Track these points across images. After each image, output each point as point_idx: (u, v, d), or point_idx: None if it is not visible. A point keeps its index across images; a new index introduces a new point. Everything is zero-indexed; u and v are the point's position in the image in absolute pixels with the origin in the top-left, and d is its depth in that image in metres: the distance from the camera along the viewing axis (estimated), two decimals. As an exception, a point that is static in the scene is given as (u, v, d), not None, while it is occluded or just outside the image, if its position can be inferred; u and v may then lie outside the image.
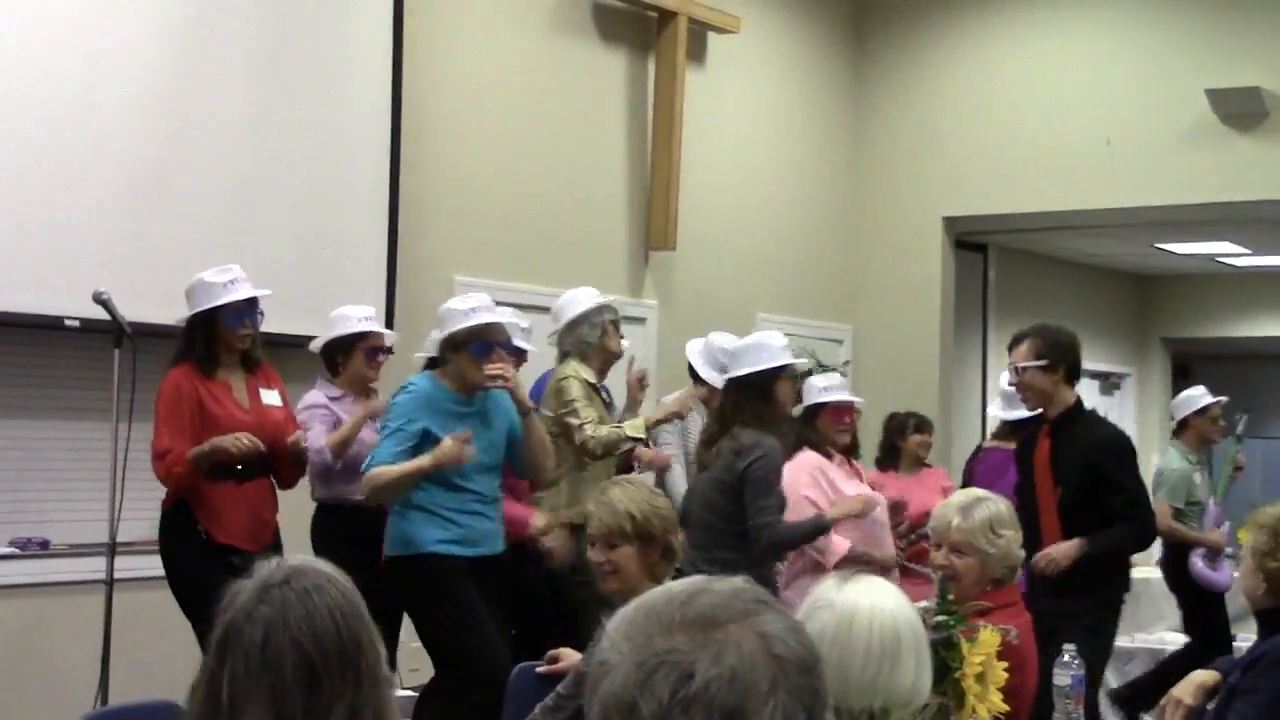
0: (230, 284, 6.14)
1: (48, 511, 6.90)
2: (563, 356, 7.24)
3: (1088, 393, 15.61)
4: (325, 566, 2.53)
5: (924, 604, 3.30)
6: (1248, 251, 14.44)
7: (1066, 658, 4.81)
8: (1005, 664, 3.86)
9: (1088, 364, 15.38)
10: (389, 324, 7.84)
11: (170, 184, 6.97)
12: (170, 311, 6.87)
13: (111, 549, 5.93)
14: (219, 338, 6.15)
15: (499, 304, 8.24)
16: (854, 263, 11.54)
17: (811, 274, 11.21)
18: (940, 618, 3.84)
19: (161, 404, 6.04)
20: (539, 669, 4.74)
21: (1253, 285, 16.11)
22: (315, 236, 7.54)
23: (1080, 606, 6.21)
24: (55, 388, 6.95)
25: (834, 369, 10.34)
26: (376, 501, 6.19)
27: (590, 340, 7.19)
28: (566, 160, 9.26)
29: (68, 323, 6.53)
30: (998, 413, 8.30)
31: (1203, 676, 4.47)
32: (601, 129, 9.54)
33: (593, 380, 7.13)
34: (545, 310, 8.97)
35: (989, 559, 4.51)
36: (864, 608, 2.91)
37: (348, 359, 6.92)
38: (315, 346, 6.99)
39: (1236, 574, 7.36)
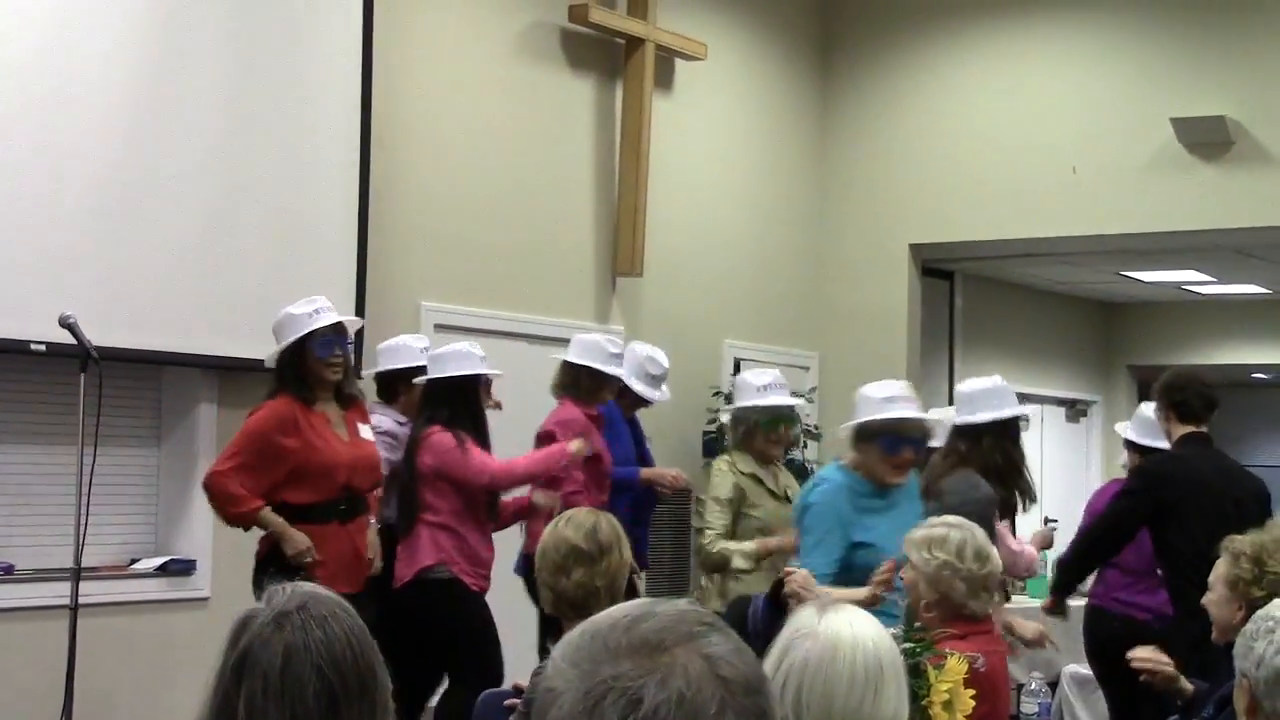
0: (315, 313, 6.19)
1: (12, 536, 6.88)
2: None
3: (1053, 420, 15.68)
4: (333, 594, 2.55)
5: (891, 631, 3.31)
6: (1213, 280, 14.51)
7: (1034, 685, 4.84)
8: (973, 691, 3.88)
9: (1053, 391, 15.55)
10: (358, 350, 7.83)
11: (137, 208, 6.97)
12: (137, 336, 6.89)
13: (76, 574, 5.91)
14: (310, 368, 6.17)
15: (469, 330, 8.30)
16: (821, 289, 11.57)
17: (778, 300, 11.23)
18: (907, 645, 3.86)
19: (246, 431, 6.12)
20: (505, 702, 4.74)
21: (1218, 313, 16.19)
22: (283, 261, 7.54)
23: None
24: (20, 412, 6.93)
25: (801, 396, 10.40)
26: None
27: (751, 433, 7.05)
28: (534, 186, 9.27)
29: (33, 346, 6.52)
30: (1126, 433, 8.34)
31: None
32: (569, 155, 9.57)
33: (751, 470, 7.00)
34: (510, 336, 9.01)
35: (929, 579, 4.55)
36: (846, 637, 2.93)
37: (410, 389, 7.05)
38: (371, 374, 7.13)
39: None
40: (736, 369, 10.66)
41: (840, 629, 2.95)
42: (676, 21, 10.12)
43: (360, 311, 7.86)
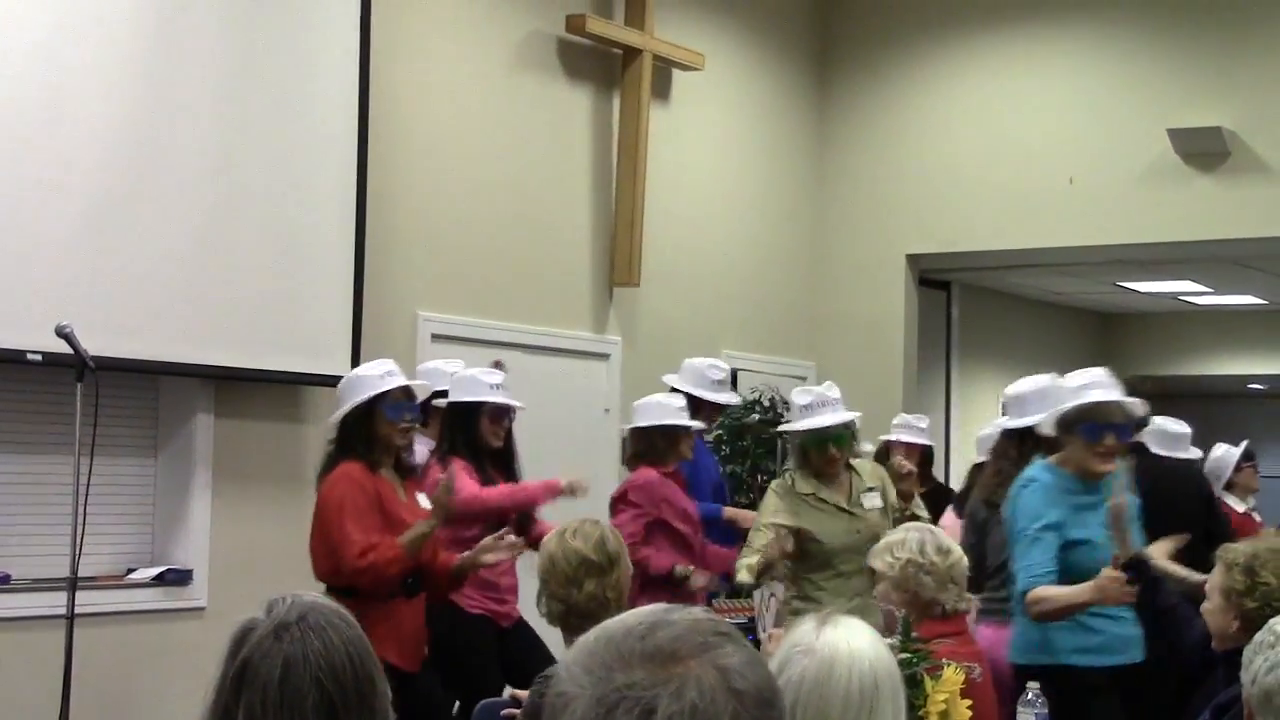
0: (386, 375, 6.07)
1: (8, 546, 6.87)
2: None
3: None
4: (333, 604, 2.55)
5: (888, 641, 3.31)
6: (1210, 290, 14.52)
7: (1030, 695, 4.83)
8: (969, 701, 3.88)
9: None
10: (354, 360, 7.84)
11: (134, 217, 6.96)
12: (134, 346, 6.89)
13: (72, 584, 5.91)
14: (378, 431, 6.03)
15: (466, 340, 8.29)
16: (817, 299, 11.57)
17: (775, 310, 11.24)
18: (903, 655, 3.86)
19: (336, 501, 5.89)
20: (503, 711, 4.73)
21: (1215, 323, 16.21)
22: (280, 270, 7.54)
23: None
24: (17, 421, 6.92)
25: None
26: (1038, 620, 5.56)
27: (804, 454, 6.69)
28: (532, 196, 9.28)
29: (30, 356, 6.50)
30: None
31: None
32: (567, 165, 9.57)
33: (812, 490, 6.59)
34: (507, 346, 9.01)
35: (895, 582, 4.65)
36: (843, 654, 2.92)
37: (438, 414, 6.92)
38: (442, 402, 6.88)
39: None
40: (733, 379, 10.67)
41: (838, 645, 2.94)
42: (674, 32, 10.13)
43: (357, 320, 7.87)
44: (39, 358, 6.50)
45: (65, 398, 6.15)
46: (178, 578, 7.31)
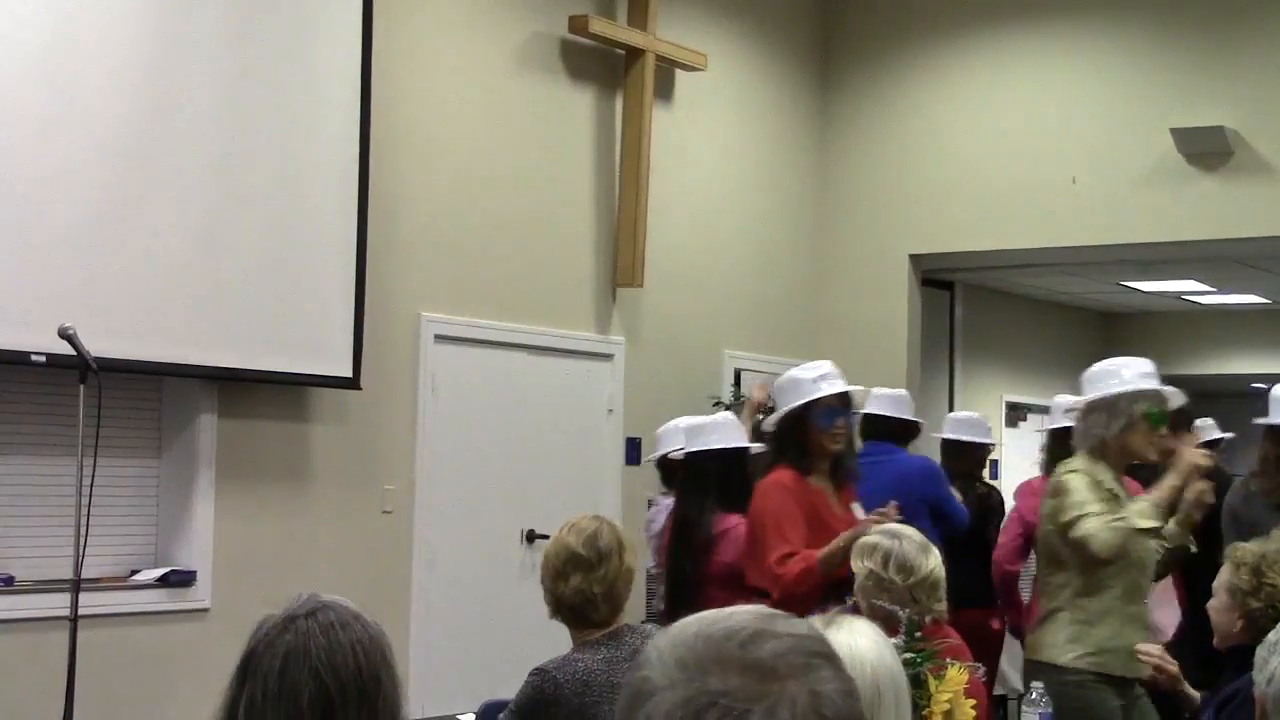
0: (820, 379, 5.92)
1: (12, 547, 6.87)
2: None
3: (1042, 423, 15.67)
4: (354, 605, 2.56)
5: (893, 641, 3.31)
6: (1213, 289, 14.52)
7: (1034, 695, 4.83)
8: (974, 701, 3.87)
9: (1052, 401, 15.47)
10: (356, 361, 7.84)
11: (137, 218, 6.95)
12: (137, 347, 6.88)
13: (76, 585, 5.90)
14: (811, 437, 5.89)
15: (470, 340, 8.30)
16: (820, 299, 11.56)
17: (778, 311, 11.23)
18: (907, 655, 3.86)
19: (768, 507, 5.78)
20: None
21: (1218, 323, 16.20)
22: (282, 271, 7.53)
23: None
24: (20, 423, 6.92)
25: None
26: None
27: (1106, 432, 5.93)
28: (534, 197, 9.27)
29: (33, 358, 6.49)
30: None
31: None
32: (569, 166, 9.57)
33: (1111, 486, 5.91)
34: (510, 347, 9.01)
35: (859, 589, 4.66)
36: (843, 657, 2.91)
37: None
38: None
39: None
40: (737, 380, 10.66)
41: (839, 648, 2.93)
42: (676, 32, 10.12)
43: (359, 321, 7.86)
44: (42, 359, 6.48)
45: (68, 399, 6.14)
46: (181, 579, 7.30)
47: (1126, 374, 5.92)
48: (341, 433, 8.07)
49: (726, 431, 6.70)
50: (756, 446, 6.65)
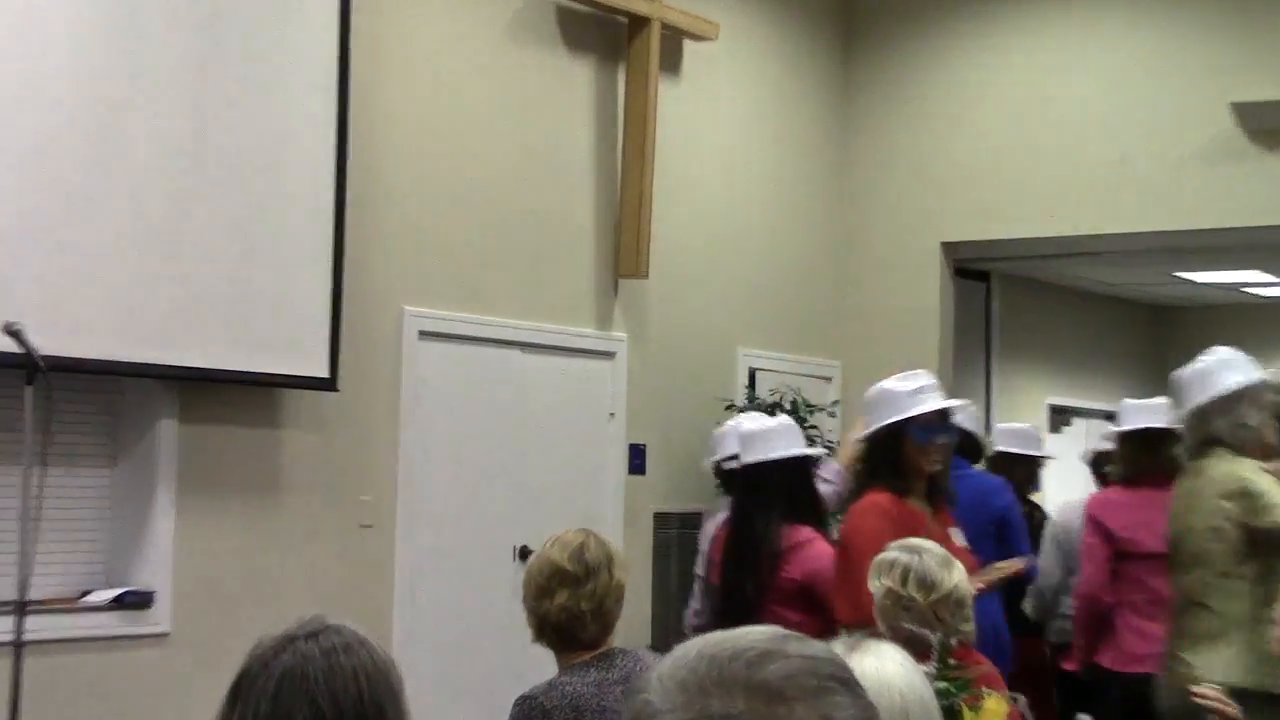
0: (917, 393, 5.97)
1: (-49, 566, 6.86)
2: (1202, 445, 6.22)
3: (1098, 436, 15.65)
4: (361, 631, 2.58)
5: (925, 669, 3.30)
6: (1276, 280, 14.50)
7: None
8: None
9: (1098, 404, 15.52)
10: (333, 360, 7.83)
11: (91, 205, 6.93)
12: (90, 345, 6.85)
13: (21, 607, 5.88)
14: (906, 456, 5.93)
15: (457, 337, 8.27)
16: (843, 292, 11.55)
17: (797, 304, 11.22)
18: (940, 684, 3.84)
19: (867, 532, 5.74)
20: None
21: (1281, 318, 16.19)
22: (252, 262, 7.51)
23: None
24: (-40, 429, 6.91)
25: (823, 409, 10.40)
26: None
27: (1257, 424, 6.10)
28: (529, 179, 9.26)
29: (-25, 357, 6.48)
30: None
31: None
32: (567, 145, 9.56)
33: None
34: (501, 344, 9.00)
35: (878, 610, 4.66)
36: (870, 684, 2.91)
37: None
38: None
39: None
40: (751, 380, 10.66)
41: (865, 673, 2.93)
42: (684, -2, 10.14)
43: (337, 316, 7.85)
44: (-15, 358, 6.46)
45: (14, 402, 6.12)
46: (138, 601, 7.29)
47: (1242, 364, 6.20)
48: (316, 439, 8.06)
49: (786, 438, 6.75)
50: (818, 452, 6.74)
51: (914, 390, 5.97)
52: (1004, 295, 13.55)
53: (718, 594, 6.77)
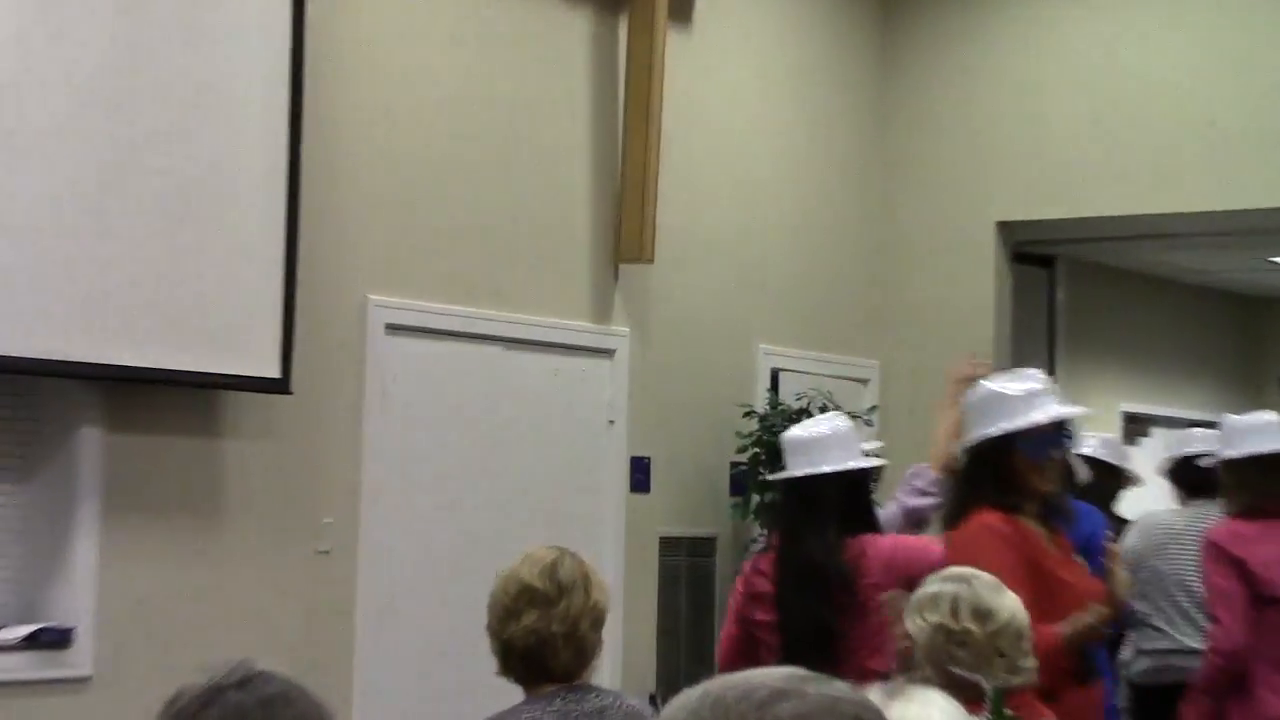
0: (1030, 398, 5.90)
1: None
2: None
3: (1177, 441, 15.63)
4: (289, 677, 2.57)
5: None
6: (1388, 267, 14.50)
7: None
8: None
9: (1182, 410, 15.50)
10: (285, 358, 7.80)
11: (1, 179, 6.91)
12: (1, 340, 6.81)
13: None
14: (1014, 471, 5.88)
15: (430, 331, 8.23)
16: (883, 281, 11.57)
17: (828, 294, 11.23)
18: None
19: (983, 560, 5.51)
20: None
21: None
22: (191, 245, 7.51)
23: None
24: None
25: (857, 417, 10.33)
26: None
27: None
28: (515, 150, 9.26)
29: None
30: None
31: None
32: (560, 108, 9.55)
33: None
34: (481, 339, 8.96)
35: (925, 652, 4.63)
36: None
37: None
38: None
39: None
40: (774, 382, 10.63)
41: (907, 721, 2.92)
42: (697, -64, 10.13)
43: (290, 307, 7.84)
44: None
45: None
46: (55, 639, 7.26)
47: None
48: (265, 450, 8.05)
49: (842, 447, 6.71)
50: (880, 463, 6.77)
51: (1026, 394, 5.92)
52: (1071, 284, 13.50)
53: (784, 633, 6.70)
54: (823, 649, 6.19)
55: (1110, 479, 8.83)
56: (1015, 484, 5.89)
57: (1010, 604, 4.67)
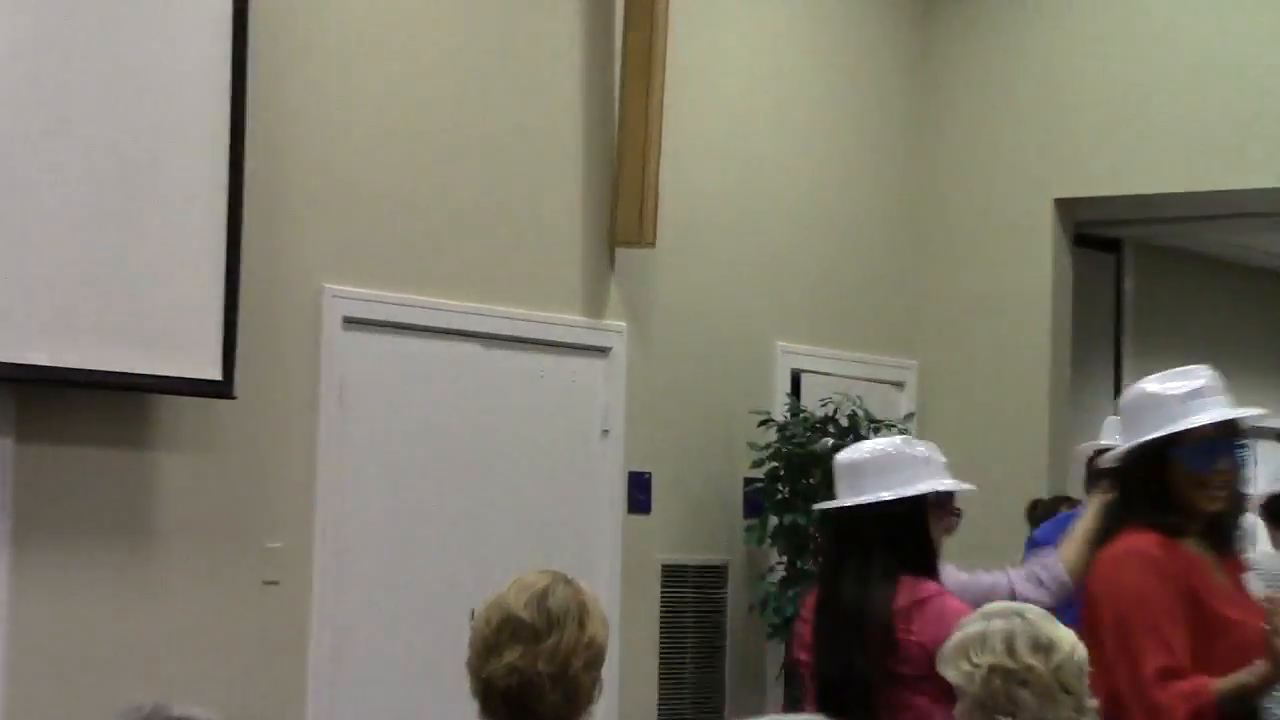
0: (1191, 398, 5.74)
1: None
2: None
3: (1269, 454, 15.64)
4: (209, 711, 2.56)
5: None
6: None
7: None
8: None
9: (1267, 413, 15.45)
10: (228, 357, 7.81)
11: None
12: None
13: None
14: (1173, 487, 5.74)
15: (394, 325, 8.27)
16: (921, 268, 11.58)
17: (857, 285, 11.24)
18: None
19: (1132, 592, 5.61)
20: None
21: None
22: (119, 228, 7.53)
23: None
24: None
25: (892, 425, 10.34)
26: None
27: None
28: (495, 122, 9.28)
29: None
30: None
31: None
32: (548, 73, 9.57)
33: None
34: (455, 335, 8.97)
35: (978, 701, 4.57)
36: None
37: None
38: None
39: None
40: (795, 386, 10.64)
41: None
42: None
43: (232, 299, 7.85)
44: None
45: None
46: (-42, 682, 7.29)
47: None
48: (204, 463, 8.06)
49: (892, 473, 6.59)
50: (942, 487, 6.45)
51: (1187, 394, 5.74)
52: (1139, 270, 13.56)
53: (815, 680, 6.70)
54: (857, 700, 6.11)
55: None
56: (1174, 501, 5.71)
57: (1069, 635, 4.62)
